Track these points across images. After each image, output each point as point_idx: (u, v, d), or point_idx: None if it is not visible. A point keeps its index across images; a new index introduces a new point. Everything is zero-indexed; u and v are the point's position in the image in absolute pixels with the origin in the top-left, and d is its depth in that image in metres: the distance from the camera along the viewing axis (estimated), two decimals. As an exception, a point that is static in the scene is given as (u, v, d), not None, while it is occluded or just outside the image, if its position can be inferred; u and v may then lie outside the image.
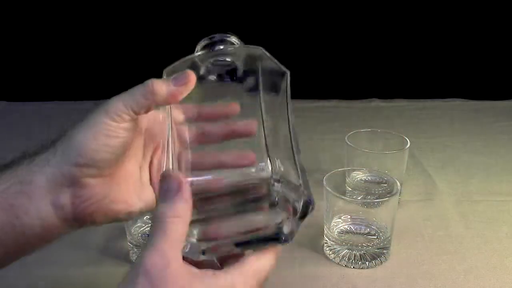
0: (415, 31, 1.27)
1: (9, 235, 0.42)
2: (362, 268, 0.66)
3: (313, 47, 1.29)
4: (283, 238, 0.39)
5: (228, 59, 0.44)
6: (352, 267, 0.66)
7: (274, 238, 0.40)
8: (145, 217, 0.71)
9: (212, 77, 0.44)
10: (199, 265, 0.38)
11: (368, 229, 0.68)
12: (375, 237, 0.67)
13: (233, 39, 0.44)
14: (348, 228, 0.68)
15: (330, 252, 0.68)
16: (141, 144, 0.48)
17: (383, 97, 1.24)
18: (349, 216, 0.68)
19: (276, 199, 0.41)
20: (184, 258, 0.37)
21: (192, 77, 0.43)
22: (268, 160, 0.43)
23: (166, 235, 0.36)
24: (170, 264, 0.35)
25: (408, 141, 0.77)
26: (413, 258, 0.68)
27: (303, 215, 0.40)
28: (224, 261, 0.40)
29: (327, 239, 0.68)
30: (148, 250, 0.36)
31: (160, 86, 0.42)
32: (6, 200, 0.42)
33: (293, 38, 1.28)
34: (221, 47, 0.43)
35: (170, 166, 0.41)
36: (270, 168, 0.42)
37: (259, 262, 0.39)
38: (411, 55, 1.29)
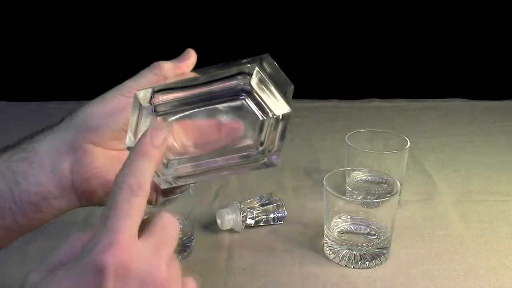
0: (415, 31, 1.28)
1: (6, 203, 0.42)
2: (362, 268, 0.66)
3: (313, 47, 1.29)
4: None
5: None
6: (352, 267, 0.66)
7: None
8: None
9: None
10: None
11: (368, 229, 0.68)
12: (375, 237, 0.67)
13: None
14: (348, 228, 0.68)
15: (330, 252, 0.68)
16: None
17: (383, 97, 1.24)
18: (349, 216, 0.68)
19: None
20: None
21: (193, 53, 0.46)
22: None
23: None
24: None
25: (408, 141, 0.77)
26: (413, 258, 0.68)
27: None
28: None
29: (327, 239, 0.68)
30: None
31: (166, 63, 0.46)
32: (8, 167, 0.43)
33: (294, 39, 1.28)
34: None
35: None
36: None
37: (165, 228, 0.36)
38: (411, 55, 1.29)
